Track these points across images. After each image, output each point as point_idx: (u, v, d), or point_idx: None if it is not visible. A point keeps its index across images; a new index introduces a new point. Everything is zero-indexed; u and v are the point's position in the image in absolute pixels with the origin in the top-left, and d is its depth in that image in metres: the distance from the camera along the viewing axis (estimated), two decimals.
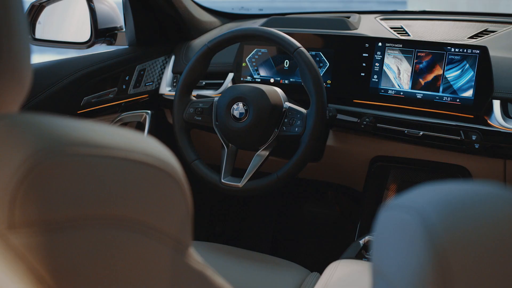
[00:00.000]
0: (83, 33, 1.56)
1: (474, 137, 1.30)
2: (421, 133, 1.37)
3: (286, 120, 1.32)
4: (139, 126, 1.62)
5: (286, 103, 1.35)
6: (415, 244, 0.36)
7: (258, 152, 1.34)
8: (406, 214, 0.37)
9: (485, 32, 1.52)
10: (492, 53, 1.31)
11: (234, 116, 1.32)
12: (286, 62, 1.54)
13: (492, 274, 0.33)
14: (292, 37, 1.32)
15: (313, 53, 1.50)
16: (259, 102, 1.31)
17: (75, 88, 1.40)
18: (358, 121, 1.44)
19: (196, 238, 1.40)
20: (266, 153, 1.34)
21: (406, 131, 1.39)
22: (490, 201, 0.36)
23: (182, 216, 0.52)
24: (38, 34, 1.56)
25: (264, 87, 1.34)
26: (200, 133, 1.56)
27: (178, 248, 0.52)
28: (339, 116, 1.46)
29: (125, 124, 1.60)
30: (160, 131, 1.66)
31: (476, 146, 1.30)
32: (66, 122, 0.47)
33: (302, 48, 1.30)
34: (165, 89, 1.67)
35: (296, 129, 1.30)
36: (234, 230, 2.13)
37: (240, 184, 1.33)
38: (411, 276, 0.35)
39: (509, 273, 0.33)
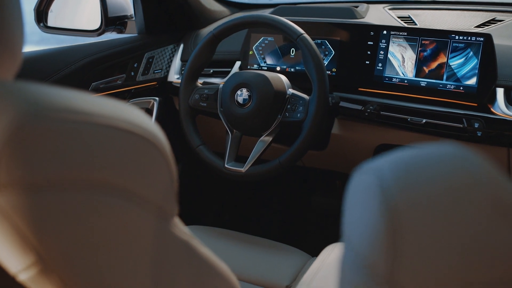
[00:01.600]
0: (94, 21, 1.60)
1: (476, 125, 1.30)
2: (424, 121, 1.37)
3: (289, 106, 1.33)
4: (147, 113, 1.65)
5: (289, 89, 1.36)
6: (371, 203, 0.37)
7: (261, 138, 1.36)
8: (367, 176, 0.39)
9: (492, 21, 1.51)
10: (497, 41, 1.31)
11: (238, 102, 1.35)
12: (292, 50, 1.55)
13: (439, 228, 0.34)
14: (298, 26, 1.34)
15: (319, 41, 1.51)
16: (263, 88, 1.33)
17: (83, 73, 1.43)
18: (362, 109, 1.45)
19: (205, 225, 1.43)
20: (269, 139, 1.36)
21: (409, 119, 1.39)
22: (442, 161, 0.37)
23: (166, 185, 0.53)
24: (51, 22, 1.60)
25: (267, 73, 1.36)
26: (206, 120, 1.58)
27: (161, 216, 0.53)
28: (344, 104, 1.47)
29: None
30: (168, 117, 1.69)
31: (479, 134, 1.30)
32: (53, 89, 0.49)
33: (305, 35, 1.31)
34: (174, 76, 1.70)
35: (298, 115, 1.31)
36: (243, 218, 2.15)
37: (243, 169, 1.35)
38: (366, 233, 0.37)
39: (454, 229, 0.34)
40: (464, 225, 0.34)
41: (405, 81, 1.41)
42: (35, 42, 4.36)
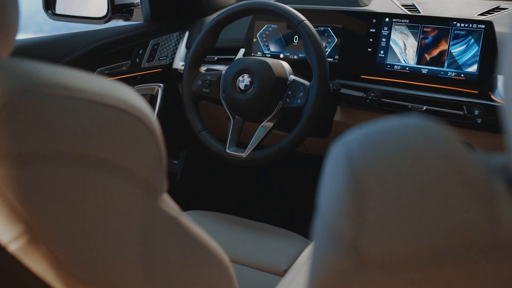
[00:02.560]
0: (101, 9, 1.62)
1: (476, 112, 1.31)
2: (424, 108, 1.38)
3: (289, 92, 1.35)
4: (152, 99, 1.67)
5: (291, 76, 1.38)
6: (339, 173, 0.39)
7: (262, 124, 1.38)
8: (338, 148, 0.41)
9: (496, 10, 1.51)
10: (499, 29, 1.31)
11: (239, 88, 1.36)
12: (296, 38, 1.56)
13: (400, 196, 0.36)
14: (301, 13, 1.35)
15: (322, 28, 1.52)
16: (264, 74, 1.34)
17: (88, 59, 1.46)
18: (364, 96, 1.46)
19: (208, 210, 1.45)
20: (271, 124, 1.37)
21: (410, 106, 1.40)
22: (405, 132, 0.38)
23: (154, 160, 0.54)
24: (59, 10, 1.63)
25: (269, 60, 1.38)
26: (210, 107, 1.60)
27: (149, 191, 0.54)
28: (346, 91, 1.48)
29: None
30: (172, 104, 1.71)
31: (479, 121, 1.31)
32: (44, 66, 0.50)
33: (306, 21, 1.32)
34: (179, 63, 1.72)
35: (299, 101, 1.33)
36: (247, 205, 2.17)
37: (243, 154, 1.37)
38: (333, 201, 0.38)
39: (414, 196, 0.35)
40: (423, 192, 0.35)
41: (407, 68, 1.42)
42: (47, 31, 4.40)
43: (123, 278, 0.53)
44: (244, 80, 1.36)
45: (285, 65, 1.39)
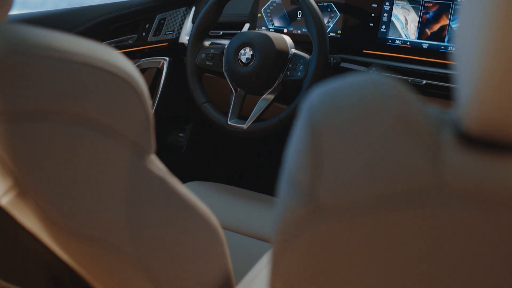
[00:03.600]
0: None
1: None
2: (424, 82, 1.39)
3: (290, 65, 1.37)
4: (158, 72, 1.70)
5: (292, 49, 1.40)
6: (301, 127, 0.41)
7: (263, 96, 1.40)
8: (304, 105, 0.43)
9: None
10: None
11: (241, 61, 1.39)
12: (299, 13, 1.58)
13: (352, 146, 0.38)
14: None
15: (325, 4, 1.53)
16: (265, 47, 1.37)
17: (94, 33, 1.49)
18: (365, 70, 1.47)
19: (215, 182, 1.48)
20: (271, 97, 1.40)
21: (409, 80, 1.41)
22: (361, 88, 0.40)
23: (141, 121, 0.56)
24: None
25: (270, 34, 1.40)
26: (213, 80, 1.63)
27: (137, 151, 0.55)
28: (348, 66, 1.49)
29: (143, 69, 1.68)
30: (178, 77, 1.74)
31: None
32: (35, 29, 0.52)
33: None
34: (185, 38, 1.74)
35: (299, 73, 1.35)
36: (251, 176, 2.20)
37: (244, 126, 1.40)
38: (295, 153, 0.41)
39: (365, 146, 0.38)
40: (374, 143, 0.37)
41: (408, 43, 1.43)
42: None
43: (109, 234, 0.55)
44: (245, 53, 1.38)
45: (287, 39, 1.42)
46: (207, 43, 1.53)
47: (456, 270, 0.35)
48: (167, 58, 1.70)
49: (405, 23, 1.43)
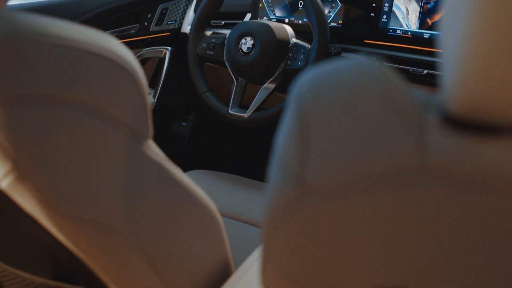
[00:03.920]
0: None
1: None
2: (425, 72, 1.40)
3: (291, 54, 1.38)
4: (160, 62, 1.71)
5: (293, 39, 1.40)
6: (290, 111, 0.42)
7: (264, 85, 1.41)
8: (293, 88, 0.44)
9: None
10: None
11: (242, 50, 1.39)
12: (301, 3, 1.58)
13: (339, 129, 0.39)
14: None
15: None
16: (266, 37, 1.37)
17: (96, 22, 1.50)
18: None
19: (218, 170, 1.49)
20: (272, 86, 1.41)
21: (410, 70, 1.42)
22: (349, 72, 0.41)
23: (137, 107, 0.57)
24: None
25: (271, 23, 1.40)
26: (215, 70, 1.64)
27: (134, 137, 0.56)
28: (349, 56, 1.50)
29: (146, 59, 1.69)
30: (180, 67, 1.74)
31: None
32: (34, 16, 0.53)
33: None
34: (187, 28, 1.75)
35: (299, 63, 1.36)
36: (254, 166, 2.21)
37: (245, 115, 1.41)
38: (284, 137, 0.42)
39: (351, 128, 0.39)
40: (359, 125, 0.38)
41: (409, 33, 1.43)
42: None
43: (106, 217, 0.56)
44: (246, 43, 1.39)
45: (288, 28, 1.42)
46: (208, 32, 1.53)
47: (441, 248, 0.36)
48: (169, 48, 1.70)
49: (406, 13, 1.43)
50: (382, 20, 1.46)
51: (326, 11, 1.53)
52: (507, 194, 0.34)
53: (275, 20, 1.61)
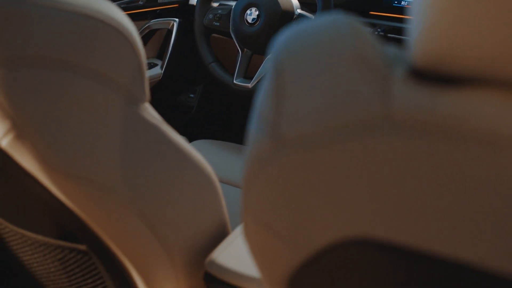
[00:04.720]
0: None
1: None
2: None
3: None
4: (167, 33, 1.73)
5: (297, 10, 1.41)
6: (268, 65, 0.44)
7: (269, 56, 1.42)
8: (273, 44, 0.45)
9: None
10: None
11: (247, 21, 1.41)
12: None
13: (309, 82, 0.40)
14: None
15: None
16: (271, 7, 1.38)
17: None
18: (371, 31, 1.48)
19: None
20: None
21: None
22: (325, 28, 0.42)
23: (133, 70, 0.58)
24: None
25: None
26: (221, 41, 1.65)
27: (130, 99, 0.58)
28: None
29: (154, 30, 1.71)
30: (188, 39, 1.76)
31: None
32: None
33: None
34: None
35: None
36: None
37: (249, 85, 1.43)
38: (262, 91, 0.44)
39: (320, 81, 0.40)
40: (329, 78, 0.39)
41: None
42: None
43: (103, 177, 0.58)
44: (251, 14, 1.40)
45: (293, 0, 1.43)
46: (215, 4, 1.55)
47: (409, 196, 0.38)
48: (177, 19, 1.72)
49: None
50: None
51: None
52: (467, 142, 0.35)
53: None
